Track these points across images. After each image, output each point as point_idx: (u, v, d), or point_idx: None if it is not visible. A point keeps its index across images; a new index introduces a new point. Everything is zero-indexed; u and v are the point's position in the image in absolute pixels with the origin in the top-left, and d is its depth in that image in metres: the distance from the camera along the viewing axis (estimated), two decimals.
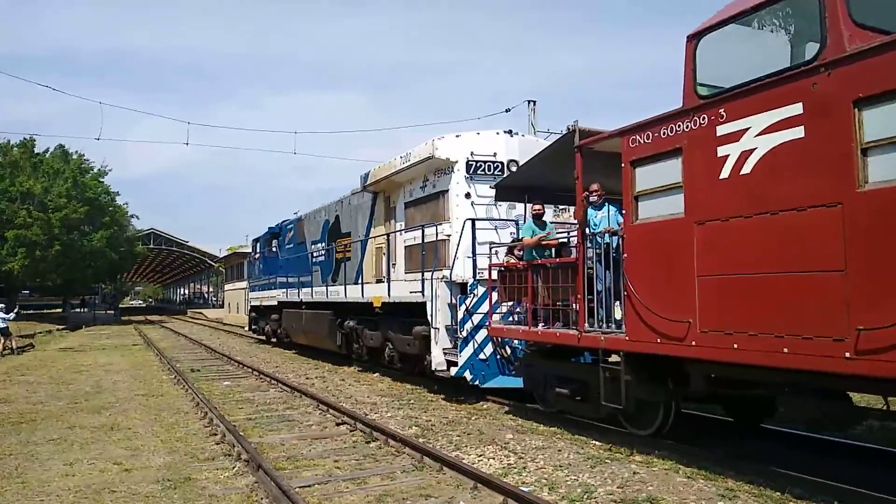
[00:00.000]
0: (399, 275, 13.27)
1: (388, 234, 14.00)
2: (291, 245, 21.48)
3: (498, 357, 10.65)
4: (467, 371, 10.64)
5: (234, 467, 7.04)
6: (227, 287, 64.21)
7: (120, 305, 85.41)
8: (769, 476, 6.14)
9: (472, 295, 10.81)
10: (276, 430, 9.07)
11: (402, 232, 13.38)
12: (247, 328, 28.04)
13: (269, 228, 24.01)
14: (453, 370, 10.82)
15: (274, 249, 23.67)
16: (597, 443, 7.89)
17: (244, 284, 59.02)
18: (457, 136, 11.79)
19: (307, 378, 14.53)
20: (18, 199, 41.69)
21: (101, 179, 47.77)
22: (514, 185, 10.58)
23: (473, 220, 10.93)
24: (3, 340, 22.28)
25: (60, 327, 39.54)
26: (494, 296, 10.02)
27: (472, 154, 11.55)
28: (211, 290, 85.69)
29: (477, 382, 10.62)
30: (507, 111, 24.92)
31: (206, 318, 61.37)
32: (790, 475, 6.03)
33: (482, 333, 10.60)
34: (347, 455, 7.52)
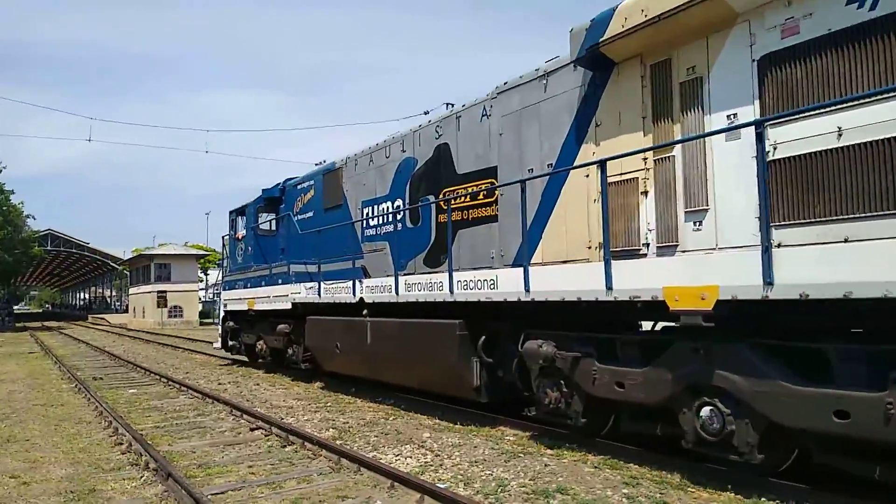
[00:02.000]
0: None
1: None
2: (312, 213, 13.96)
3: None
4: None
5: (141, 476, 6.82)
6: (132, 291, 61.52)
7: (14, 311, 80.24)
8: (671, 464, 6.53)
9: None
10: (186, 437, 8.83)
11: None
12: (217, 344, 18.78)
13: (264, 191, 15.96)
14: None
15: (270, 226, 15.92)
16: (511, 438, 8.16)
17: (151, 288, 57.15)
18: None
19: (219, 384, 14.23)
20: None
21: None
22: None
23: None
24: None
25: None
26: None
27: None
28: (114, 294, 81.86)
29: None
30: (425, 113, 24.88)
31: (108, 323, 58.61)
32: (690, 464, 6.40)
33: None
34: (262, 460, 7.42)
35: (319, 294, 12.34)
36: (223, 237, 18.47)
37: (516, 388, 8.39)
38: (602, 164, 6.66)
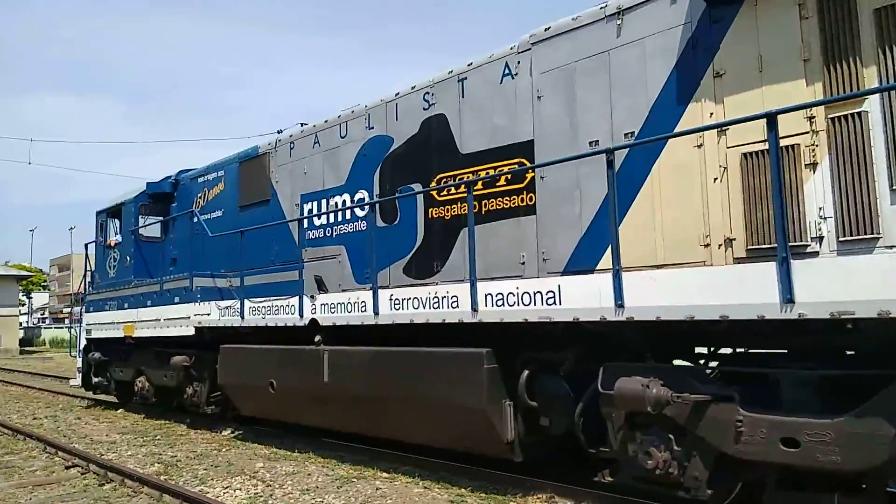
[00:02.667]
0: None
1: None
2: (220, 212, 11.09)
3: None
4: None
5: None
6: None
7: None
8: (497, 480, 6.84)
9: None
10: None
11: None
12: (76, 381, 14.66)
13: (149, 185, 12.72)
14: None
15: (166, 230, 12.64)
16: (347, 464, 8.07)
17: None
18: None
19: (35, 418, 12.89)
20: None
21: None
22: None
23: None
24: None
25: None
26: None
27: None
28: None
29: None
30: (278, 132, 21.51)
31: None
32: (515, 477, 6.68)
33: None
34: (76, 500, 7.10)
35: (242, 315, 9.36)
36: (86, 245, 14.60)
37: (569, 442, 6.11)
38: (772, 120, 4.56)
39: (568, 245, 6.06)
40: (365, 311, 7.52)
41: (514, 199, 6.70)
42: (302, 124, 10.01)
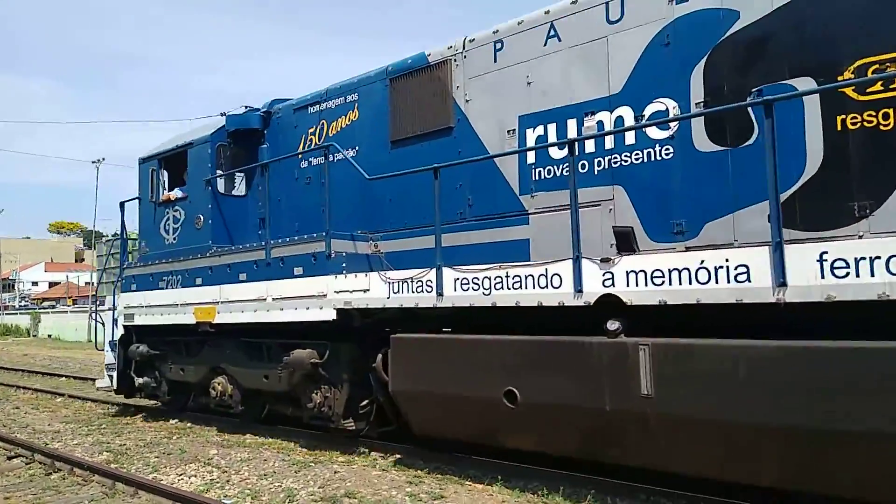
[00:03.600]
0: None
1: None
2: (354, 150, 7.94)
3: None
4: None
5: None
6: None
7: None
8: (450, 461, 6.85)
9: None
10: None
11: None
12: (104, 381, 11.25)
13: (230, 119, 9.52)
14: None
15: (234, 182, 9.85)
16: (303, 449, 7.96)
17: None
18: None
19: None
20: None
21: None
22: None
23: None
24: None
25: None
26: None
27: None
28: None
29: None
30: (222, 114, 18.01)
31: None
32: (468, 457, 6.71)
33: None
34: (22, 491, 6.68)
35: (441, 291, 6.30)
36: (122, 204, 11.07)
37: None
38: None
39: None
40: (747, 281, 4.58)
41: None
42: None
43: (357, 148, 7.95)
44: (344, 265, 7.33)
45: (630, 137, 5.72)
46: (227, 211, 9.35)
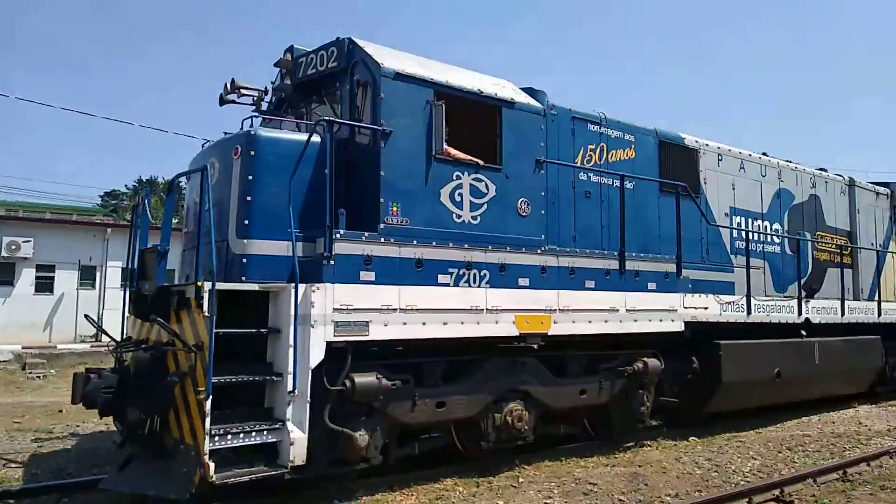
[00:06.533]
0: None
1: None
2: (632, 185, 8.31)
3: None
4: None
5: None
6: None
7: None
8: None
9: None
10: None
11: None
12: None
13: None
14: None
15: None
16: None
17: None
18: None
19: None
20: None
21: None
22: None
23: None
24: None
25: None
26: None
27: None
28: None
29: None
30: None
31: None
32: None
33: None
34: None
35: (749, 311, 9.86)
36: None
37: None
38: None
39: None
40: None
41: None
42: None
43: (634, 184, 9.24)
44: (690, 286, 9.04)
45: (772, 239, 11.25)
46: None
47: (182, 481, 5.51)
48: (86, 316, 7.74)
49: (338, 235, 6.04)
